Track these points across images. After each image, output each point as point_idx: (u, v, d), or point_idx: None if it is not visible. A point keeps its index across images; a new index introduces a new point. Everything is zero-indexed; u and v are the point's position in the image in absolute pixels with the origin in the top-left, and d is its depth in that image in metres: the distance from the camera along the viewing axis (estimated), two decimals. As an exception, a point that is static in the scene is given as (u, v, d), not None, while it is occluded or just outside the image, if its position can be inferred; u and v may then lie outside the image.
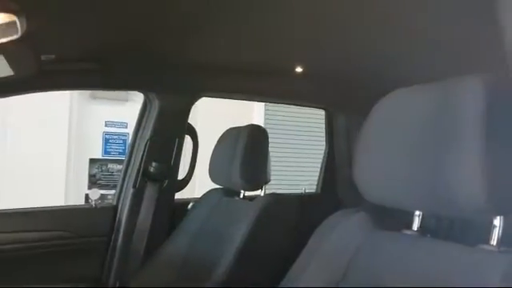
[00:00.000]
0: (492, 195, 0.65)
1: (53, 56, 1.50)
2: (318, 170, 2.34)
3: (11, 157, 3.96)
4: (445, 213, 0.79)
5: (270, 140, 1.66)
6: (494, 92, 0.66)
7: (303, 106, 2.43)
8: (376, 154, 0.83)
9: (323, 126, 2.33)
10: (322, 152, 2.33)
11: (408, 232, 0.84)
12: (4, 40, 1.01)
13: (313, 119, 2.61)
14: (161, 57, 1.71)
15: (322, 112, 2.32)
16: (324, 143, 2.32)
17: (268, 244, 1.11)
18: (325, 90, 2.12)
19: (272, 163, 1.68)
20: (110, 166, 4.37)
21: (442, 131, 0.69)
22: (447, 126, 0.69)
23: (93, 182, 4.24)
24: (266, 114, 4.72)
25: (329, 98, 2.20)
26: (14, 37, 1.01)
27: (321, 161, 2.34)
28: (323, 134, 2.33)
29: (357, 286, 0.87)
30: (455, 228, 0.96)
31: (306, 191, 2.28)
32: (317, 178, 2.32)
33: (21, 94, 1.63)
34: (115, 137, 4.43)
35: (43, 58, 1.42)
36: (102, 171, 4.37)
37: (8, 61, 1.20)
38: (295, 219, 1.06)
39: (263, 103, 4.34)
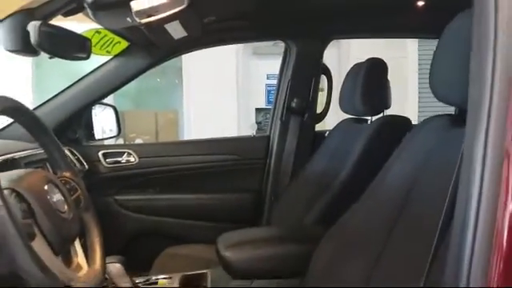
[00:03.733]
0: None
1: (213, 18, 1.94)
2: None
3: (194, 104, 4.83)
4: None
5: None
6: None
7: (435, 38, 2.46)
8: (450, 60, 0.92)
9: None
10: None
11: None
12: (178, 9, 1.47)
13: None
14: (295, 8, 2.02)
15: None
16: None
17: (378, 156, 1.35)
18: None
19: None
20: (273, 114, 4.90)
21: None
22: None
23: (259, 128, 4.74)
24: (419, 50, 4.70)
25: None
26: (183, 6, 1.46)
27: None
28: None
29: (433, 177, 1.00)
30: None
31: None
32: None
33: (193, 50, 2.17)
34: (276, 88, 4.93)
35: (205, 20, 1.88)
36: (266, 119, 4.95)
37: (182, 25, 1.67)
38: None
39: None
